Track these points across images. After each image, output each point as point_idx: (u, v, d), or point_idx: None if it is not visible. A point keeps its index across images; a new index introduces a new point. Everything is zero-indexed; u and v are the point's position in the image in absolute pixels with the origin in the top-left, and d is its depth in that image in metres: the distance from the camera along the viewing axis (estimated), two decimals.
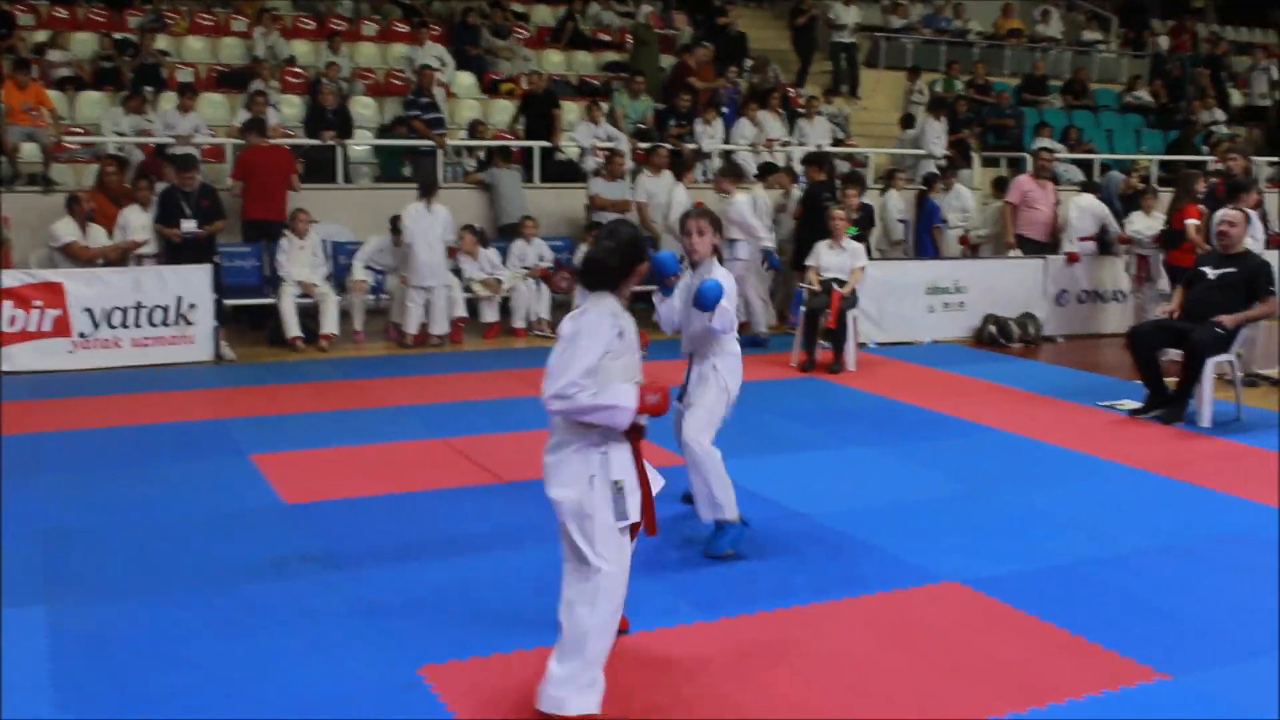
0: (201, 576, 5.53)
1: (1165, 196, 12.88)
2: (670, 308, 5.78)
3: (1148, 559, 5.92)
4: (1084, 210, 13.20)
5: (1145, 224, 12.73)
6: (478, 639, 4.79)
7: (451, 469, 7.40)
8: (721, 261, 6.13)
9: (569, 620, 4.08)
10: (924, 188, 15.16)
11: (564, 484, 4.12)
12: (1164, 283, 12.75)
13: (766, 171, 13.76)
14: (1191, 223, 11.40)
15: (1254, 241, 9.99)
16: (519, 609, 5.12)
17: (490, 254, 12.76)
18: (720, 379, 5.98)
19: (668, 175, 13.99)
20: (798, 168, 14.67)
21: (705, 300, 5.43)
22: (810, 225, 12.64)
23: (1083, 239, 13.12)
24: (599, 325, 4.07)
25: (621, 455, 4.14)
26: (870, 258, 12.01)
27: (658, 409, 4.10)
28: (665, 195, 13.75)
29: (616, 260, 4.18)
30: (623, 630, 4.83)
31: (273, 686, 4.42)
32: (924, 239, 14.66)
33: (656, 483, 4.31)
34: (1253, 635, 4.99)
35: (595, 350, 4.03)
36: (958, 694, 4.40)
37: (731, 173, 12.66)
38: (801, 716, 4.22)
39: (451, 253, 12.46)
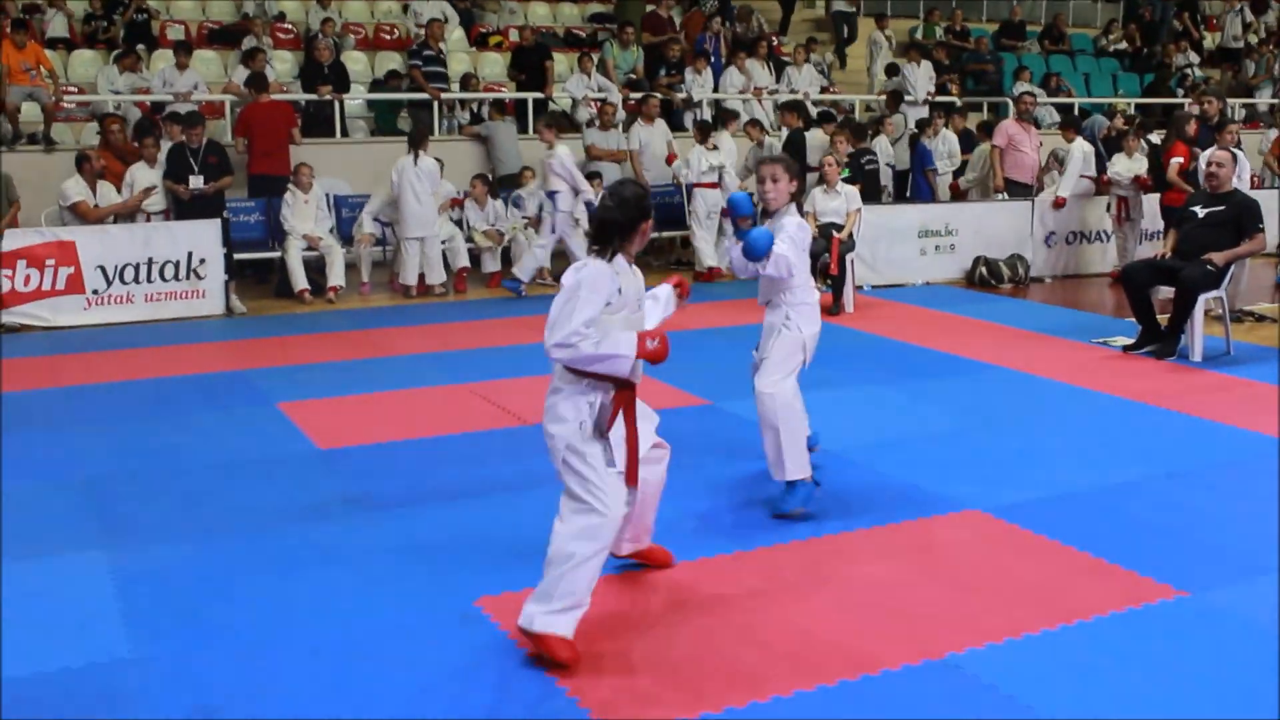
0: (248, 519, 5.66)
1: (1146, 140, 13.05)
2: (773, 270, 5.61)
3: (1153, 485, 6.11)
4: (1086, 154, 13.29)
5: (1126, 166, 12.85)
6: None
7: (476, 413, 7.53)
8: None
9: (555, 548, 4.25)
10: (916, 131, 15.26)
11: (557, 420, 4.29)
12: (1145, 222, 12.94)
13: (723, 120, 13.99)
14: (1175, 161, 11.56)
15: (1238, 181, 10.16)
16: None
17: (497, 205, 12.83)
18: (792, 329, 5.75)
19: (661, 124, 14.09)
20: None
21: (753, 249, 5.44)
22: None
23: (1084, 176, 13.22)
24: (599, 278, 4.20)
25: (607, 404, 4.31)
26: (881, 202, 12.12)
27: (657, 354, 4.23)
28: (659, 144, 13.84)
29: (619, 218, 4.31)
30: (665, 565, 5.04)
31: (333, 619, 4.56)
32: (919, 183, 14.75)
33: (649, 424, 4.53)
34: (1259, 554, 5.18)
35: (596, 301, 4.17)
36: (988, 613, 4.58)
37: (553, 123, 12.23)
38: (837, 638, 4.40)
39: (455, 203, 12.53)
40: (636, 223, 4.33)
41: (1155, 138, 13.16)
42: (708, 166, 13.19)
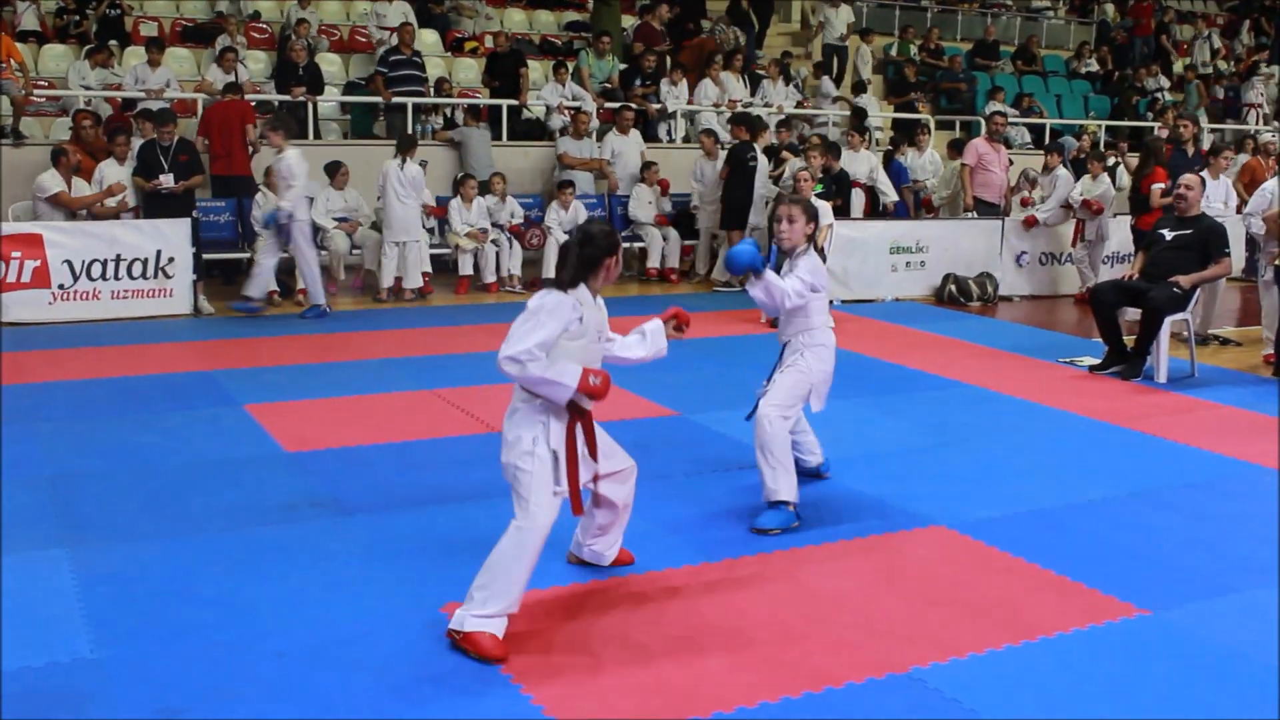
0: (213, 520, 5.64)
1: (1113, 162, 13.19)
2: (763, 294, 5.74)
3: (1117, 505, 6.18)
4: (1068, 180, 13.37)
5: (1084, 188, 12.92)
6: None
7: (445, 419, 7.53)
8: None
9: (493, 554, 4.44)
10: (890, 149, 15.38)
11: (508, 443, 4.55)
12: (1113, 245, 13.04)
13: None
14: (1157, 187, 11.69)
15: (1223, 206, 10.32)
16: None
17: (482, 203, 12.84)
18: (805, 365, 5.88)
19: (635, 135, 14.15)
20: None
21: (730, 264, 5.62)
22: (736, 184, 13.14)
23: (1064, 206, 13.31)
24: (561, 306, 4.41)
25: (559, 429, 4.50)
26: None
27: (597, 391, 4.45)
28: (632, 154, 13.90)
29: (582, 253, 4.52)
30: (627, 563, 5.14)
31: (297, 622, 4.55)
32: (899, 203, 14.79)
33: (606, 450, 4.75)
34: (1221, 575, 5.25)
35: (553, 327, 4.37)
36: (952, 628, 4.62)
37: (281, 125, 11.46)
38: (801, 650, 4.42)
39: (435, 212, 12.58)
40: (600, 259, 4.53)
41: (1112, 160, 13.30)
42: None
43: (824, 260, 11.01)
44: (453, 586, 4.88)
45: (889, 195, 14.28)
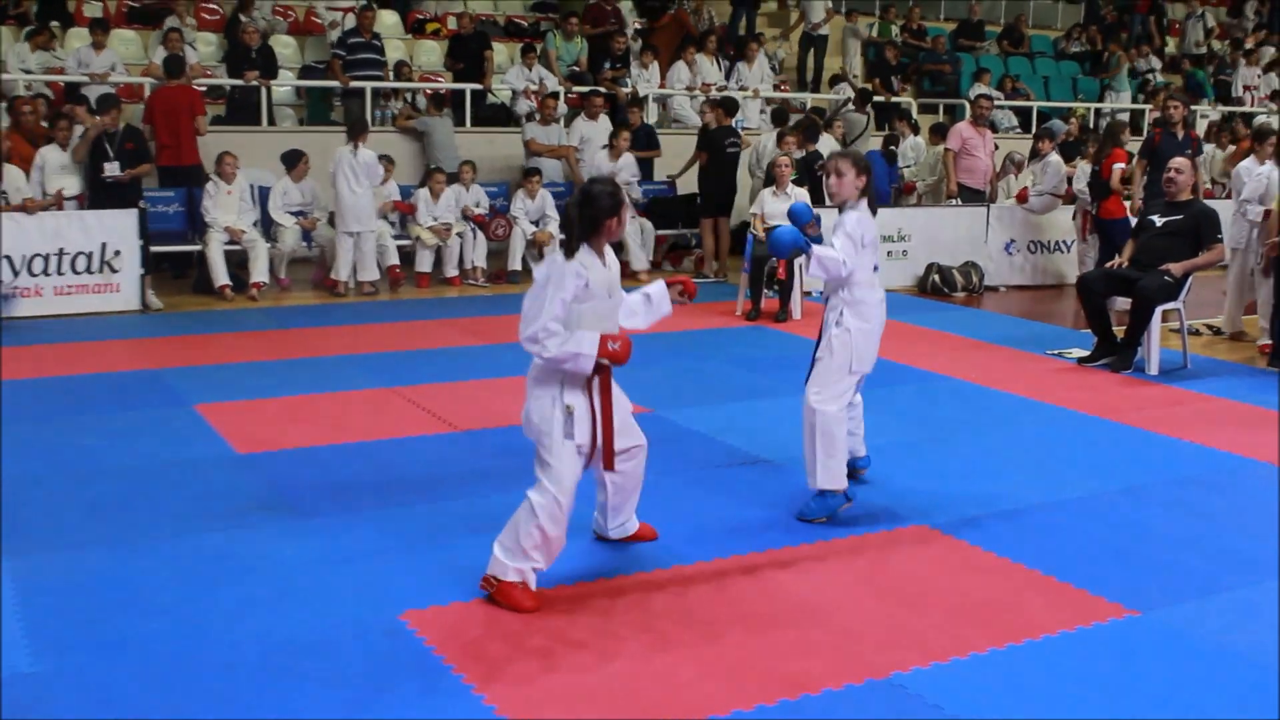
0: (161, 526, 5.60)
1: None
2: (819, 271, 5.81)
3: (1106, 501, 6.20)
4: (1059, 164, 13.43)
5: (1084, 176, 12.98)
6: (457, 585, 4.93)
7: (404, 418, 7.51)
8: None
9: (520, 508, 4.79)
10: (891, 135, 15.43)
11: (531, 408, 4.86)
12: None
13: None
14: (1118, 167, 11.75)
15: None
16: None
17: (450, 195, 12.81)
18: (843, 333, 5.83)
19: (604, 120, 14.12)
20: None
21: (774, 248, 5.77)
22: (714, 171, 13.22)
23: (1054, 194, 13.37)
24: (564, 273, 4.68)
25: (575, 386, 4.79)
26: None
27: (617, 356, 4.72)
28: (601, 140, 13.87)
29: (581, 214, 4.77)
30: (649, 538, 5.47)
31: (249, 633, 4.51)
32: (881, 189, 14.83)
33: (623, 410, 5.04)
34: (1214, 573, 5.28)
35: (559, 297, 4.66)
36: (935, 632, 4.62)
37: (111, 105, 11.57)
38: (777, 656, 4.42)
39: (402, 207, 12.53)
40: (600, 220, 4.77)
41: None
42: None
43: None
44: (414, 591, 4.87)
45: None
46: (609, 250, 4.95)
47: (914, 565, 5.32)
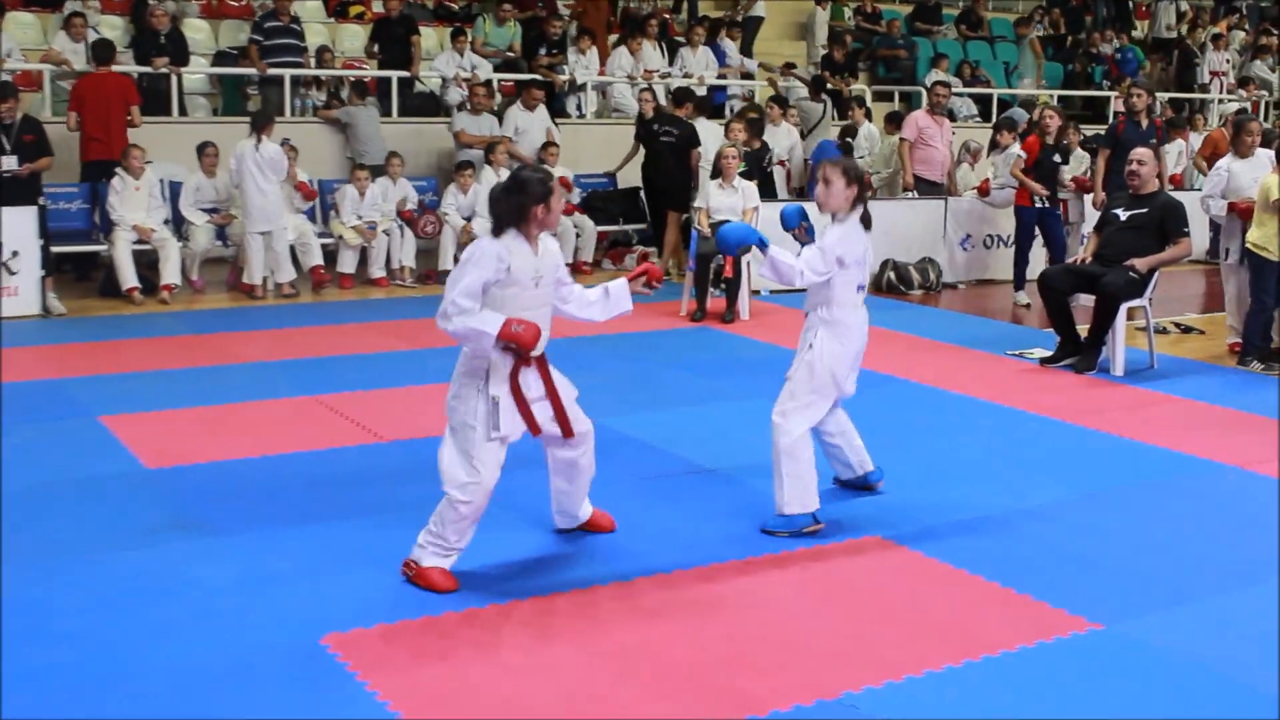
0: (65, 547, 5.54)
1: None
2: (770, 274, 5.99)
3: (1069, 509, 6.29)
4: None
5: (1069, 167, 13.07)
6: (383, 606, 4.92)
7: (326, 428, 7.48)
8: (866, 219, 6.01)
9: (442, 499, 5.09)
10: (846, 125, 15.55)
11: (452, 392, 5.14)
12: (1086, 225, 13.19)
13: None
14: (1019, 156, 12.12)
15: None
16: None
17: (376, 190, 12.79)
18: (816, 350, 5.94)
19: (542, 111, 14.14)
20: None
21: (720, 244, 5.96)
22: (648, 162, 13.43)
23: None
24: (485, 255, 5.00)
25: (500, 374, 5.06)
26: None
27: (520, 339, 4.96)
28: (537, 132, 13.89)
29: (509, 200, 5.06)
30: (605, 529, 5.77)
31: (161, 660, 4.48)
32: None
33: (566, 392, 5.36)
34: (1181, 582, 5.37)
35: (475, 276, 4.97)
36: (889, 648, 4.67)
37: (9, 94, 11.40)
38: (722, 675, 4.45)
39: (304, 190, 12.45)
40: (528, 206, 5.03)
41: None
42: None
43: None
44: (336, 613, 4.86)
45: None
46: (548, 241, 5.23)
47: (868, 578, 5.37)
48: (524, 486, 5.93)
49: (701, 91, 16.03)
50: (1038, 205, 12.18)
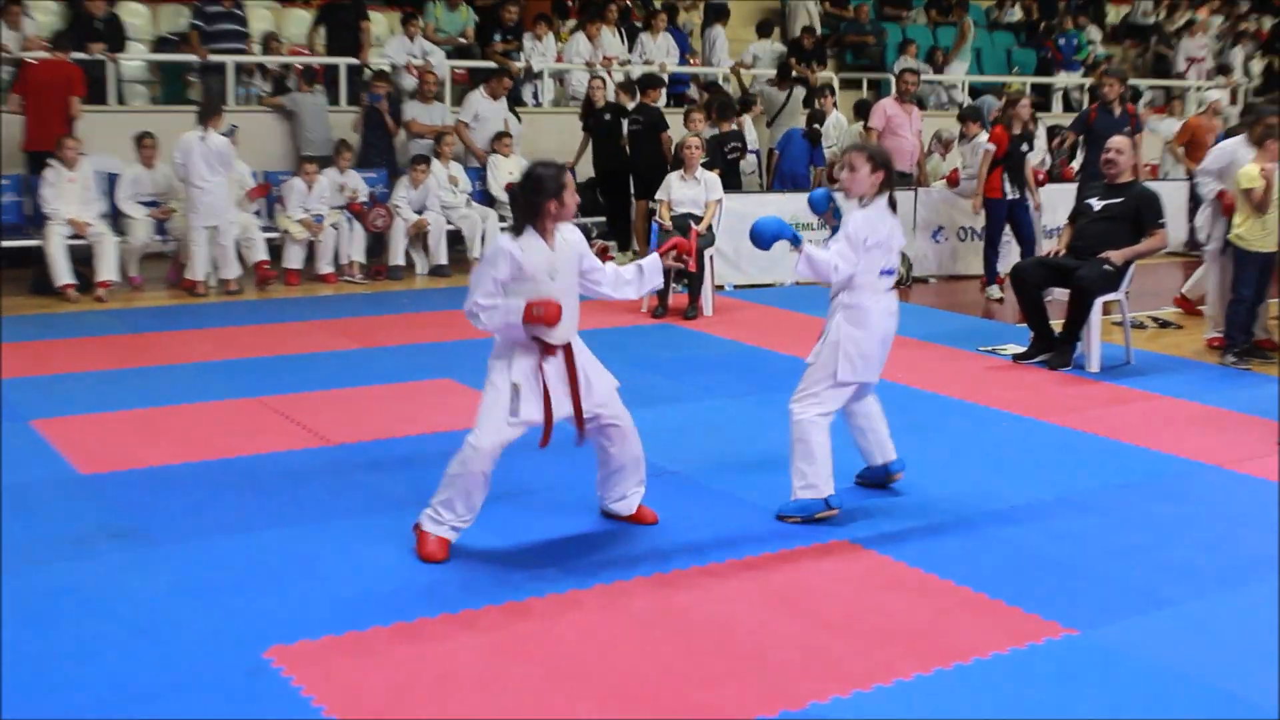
0: None
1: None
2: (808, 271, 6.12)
3: (1044, 511, 6.30)
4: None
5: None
6: (329, 618, 4.88)
7: (271, 432, 7.42)
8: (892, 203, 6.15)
9: (447, 467, 5.42)
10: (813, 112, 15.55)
11: (493, 354, 5.51)
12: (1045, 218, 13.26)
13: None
14: (988, 148, 12.09)
15: None
16: (371, 584, 5.23)
17: (324, 182, 12.72)
18: (834, 336, 6.08)
19: (504, 100, 14.15)
20: None
21: (756, 239, 6.00)
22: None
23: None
24: (498, 255, 5.36)
25: (525, 363, 5.41)
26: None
27: (542, 319, 5.25)
28: (496, 122, 13.87)
29: (523, 197, 5.41)
30: (648, 522, 5.94)
31: (93, 678, 4.42)
32: (799, 172, 14.89)
33: (598, 386, 5.70)
34: (1158, 586, 5.37)
35: (489, 276, 5.34)
36: (856, 657, 4.66)
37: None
38: (682, 686, 4.43)
39: (258, 192, 12.39)
40: (541, 202, 5.34)
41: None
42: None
43: (712, 241, 11.24)
44: (281, 626, 4.81)
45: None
46: (567, 232, 5.52)
47: (834, 584, 5.36)
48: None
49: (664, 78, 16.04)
50: (1009, 198, 12.24)
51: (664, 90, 15.14)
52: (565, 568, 5.45)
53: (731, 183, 12.93)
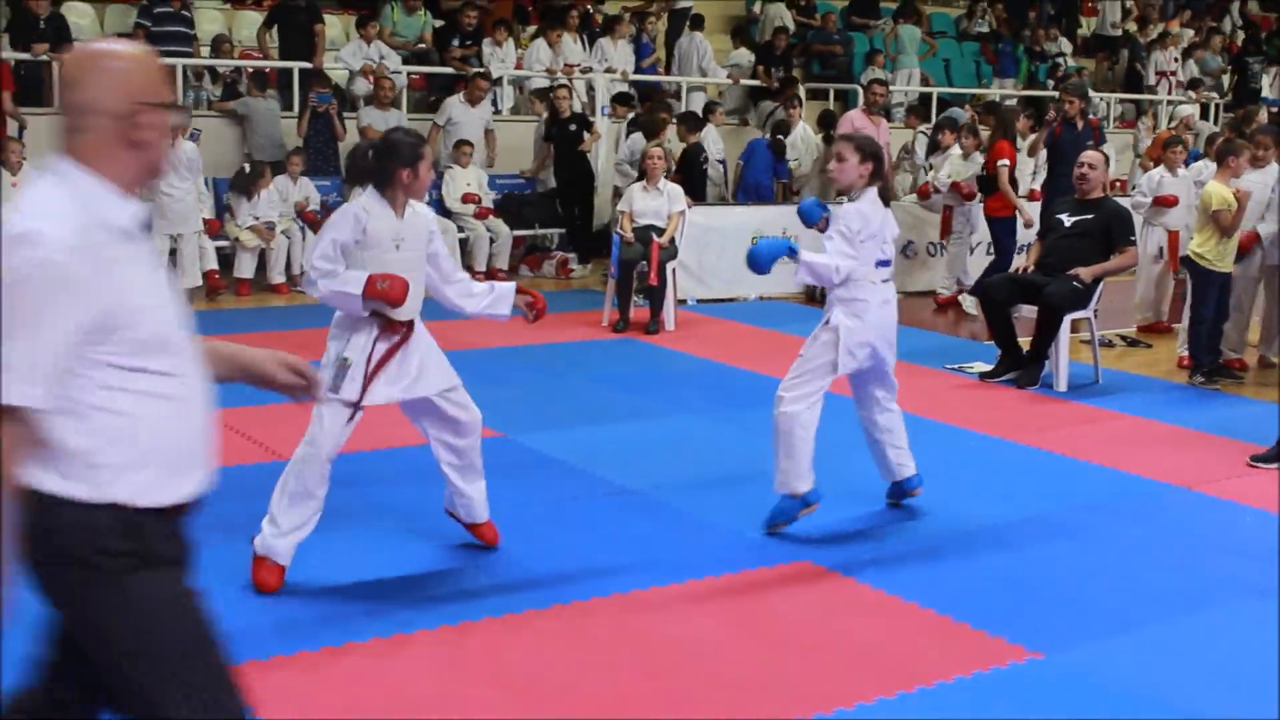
0: None
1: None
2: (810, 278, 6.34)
3: (1008, 532, 6.38)
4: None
5: (952, 169, 13.15)
6: (279, 637, 4.89)
7: (222, 447, 7.36)
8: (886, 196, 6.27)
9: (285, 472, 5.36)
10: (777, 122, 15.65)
11: (330, 336, 5.38)
12: (977, 236, 13.30)
13: None
14: (1003, 165, 12.01)
15: None
16: (324, 600, 5.26)
17: (274, 191, 12.73)
18: (829, 333, 6.19)
19: (487, 107, 14.20)
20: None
21: (753, 263, 6.10)
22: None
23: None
24: (342, 217, 5.30)
25: (360, 339, 5.29)
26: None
27: (388, 294, 5.16)
28: (475, 128, 13.95)
29: (371, 161, 5.34)
30: (489, 542, 5.83)
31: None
32: (763, 184, 14.96)
33: (436, 378, 5.45)
34: (1124, 609, 5.45)
35: (330, 238, 5.25)
36: (820, 680, 4.71)
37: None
38: (640, 709, 4.46)
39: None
40: (394, 168, 5.26)
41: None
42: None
43: (674, 254, 11.30)
44: (228, 644, 4.80)
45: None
46: (417, 207, 5.46)
47: (795, 606, 5.41)
48: (429, 500, 5.96)
49: (622, 87, 16.13)
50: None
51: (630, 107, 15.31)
52: (525, 588, 5.48)
53: (699, 195, 13.01)
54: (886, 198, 6.26)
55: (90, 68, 2.78)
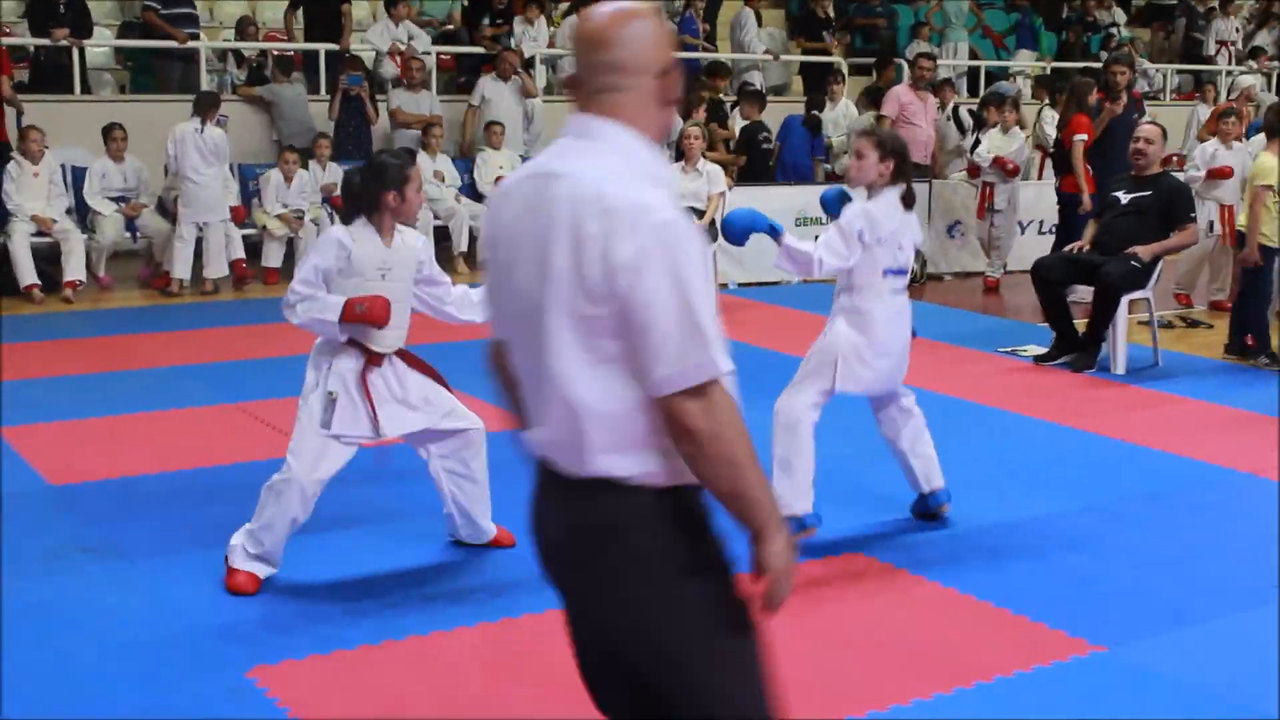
0: None
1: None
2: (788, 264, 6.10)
3: (1067, 521, 6.33)
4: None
5: (993, 144, 13.16)
6: (314, 636, 4.90)
7: (250, 439, 7.45)
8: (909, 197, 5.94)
9: (263, 491, 5.28)
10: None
11: (310, 360, 5.37)
12: (1022, 213, 13.19)
13: None
14: (1079, 139, 11.84)
15: None
16: (358, 600, 5.26)
17: (305, 176, 12.79)
18: (828, 342, 5.97)
19: (517, 82, 14.21)
20: None
21: (726, 232, 5.93)
22: None
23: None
24: (326, 243, 5.27)
25: (344, 368, 5.26)
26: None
27: (367, 317, 5.14)
28: (510, 107, 13.93)
29: (359, 187, 5.29)
30: (506, 545, 5.74)
31: (67, 698, 4.46)
32: (802, 163, 14.91)
33: (422, 409, 5.40)
34: (1189, 601, 5.40)
35: (312, 264, 5.23)
36: (876, 677, 4.69)
37: None
38: None
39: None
40: (379, 192, 5.20)
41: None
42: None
43: (715, 237, 11.25)
44: (263, 644, 4.84)
45: None
46: (407, 235, 5.41)
47: (848, 602, 5.39)
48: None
49: None
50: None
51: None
52: (528, 587, 5.41)
53: (762, 175, 12.95)
54: (910, 200, 5.88)
55: (626, 25, 2.77)
